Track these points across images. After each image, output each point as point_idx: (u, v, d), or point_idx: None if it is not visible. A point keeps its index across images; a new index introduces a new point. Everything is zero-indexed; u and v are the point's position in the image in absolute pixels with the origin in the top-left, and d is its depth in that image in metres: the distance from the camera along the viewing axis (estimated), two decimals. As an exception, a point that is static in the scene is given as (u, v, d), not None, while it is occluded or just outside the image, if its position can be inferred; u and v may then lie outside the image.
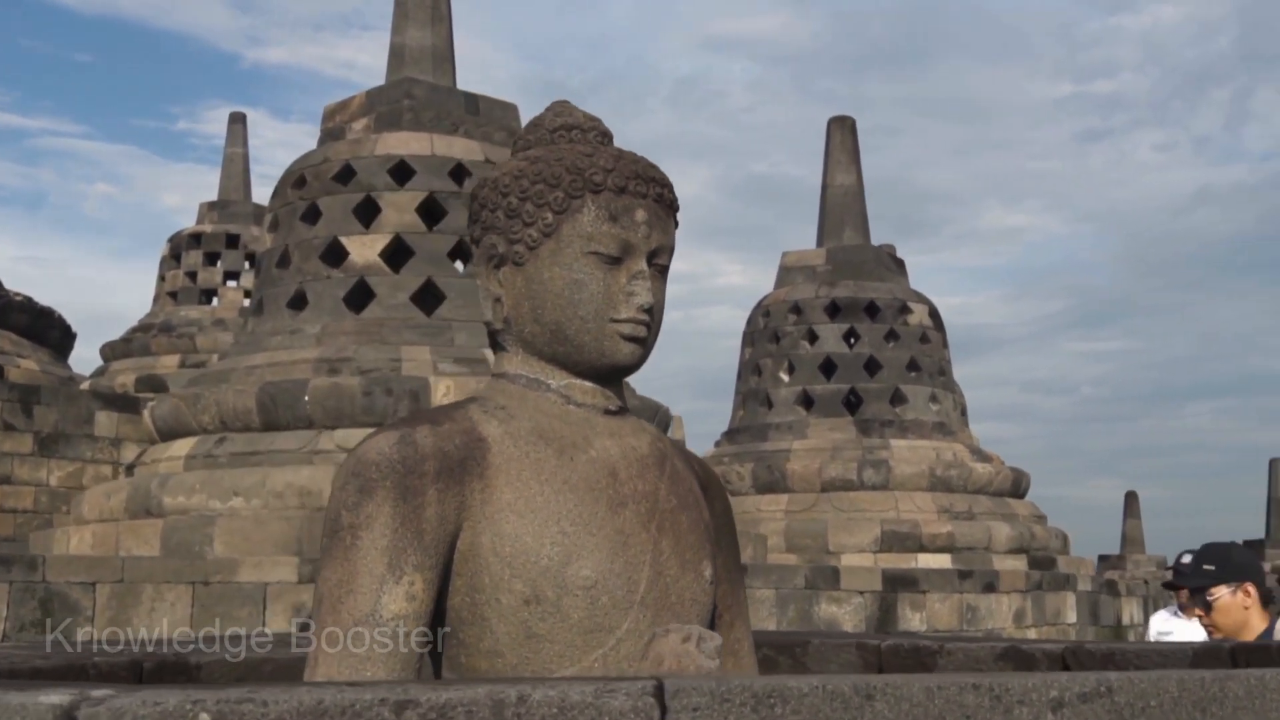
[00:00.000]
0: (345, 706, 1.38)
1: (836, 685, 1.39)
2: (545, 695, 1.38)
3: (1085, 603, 14.77)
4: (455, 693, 1.39)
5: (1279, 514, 30.89)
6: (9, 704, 1.48)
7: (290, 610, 9.44)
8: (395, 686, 1.42)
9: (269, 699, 1.40)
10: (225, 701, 1.40)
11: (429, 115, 13.28)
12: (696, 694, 1.37)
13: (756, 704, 1.36)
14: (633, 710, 1.37)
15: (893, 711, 1.37)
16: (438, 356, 11.99)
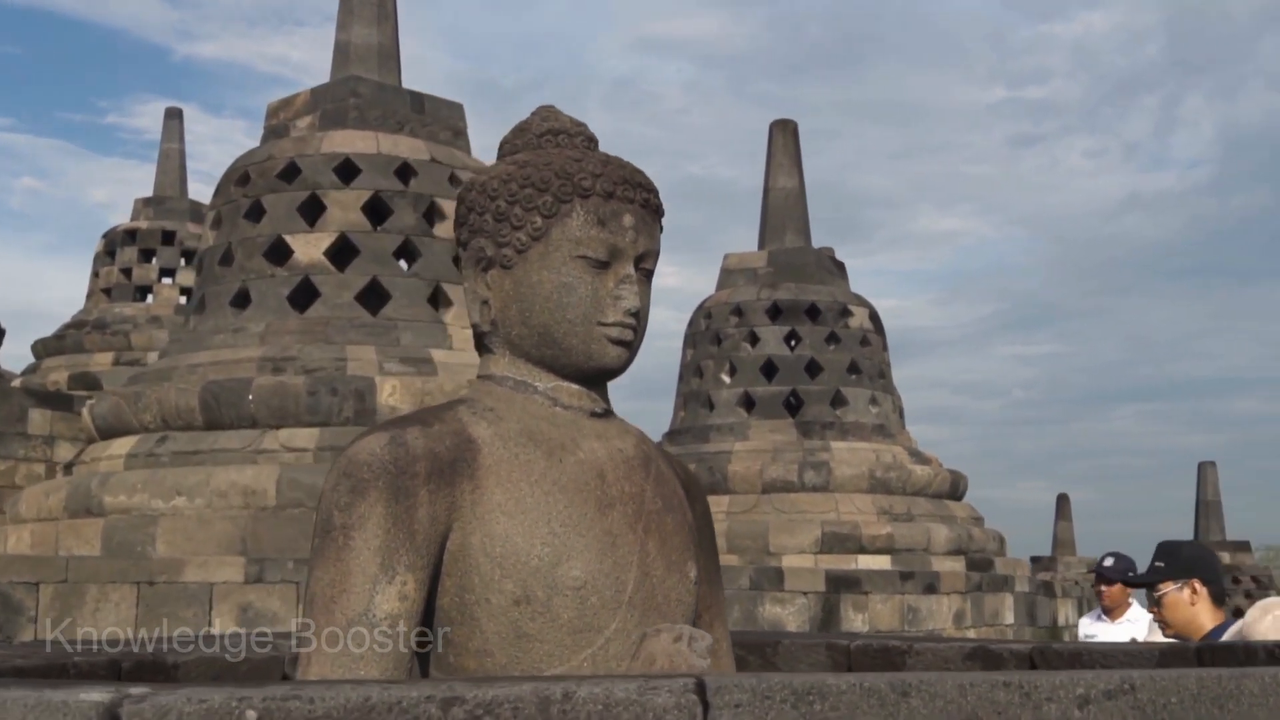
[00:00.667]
0: (392, 703, 1.40)
1: (873, 682, 1.42)
2: (590, 692, 1.41)
3: (1023, 604, 14.96)
4: (501, 690, 1.41)
5: (1207, 516, 31.35)
6: (51, 701, 1.49)
7: (237, 610, 9.37)
8: (440, 684, 1.44)
9: (315, 696, 1.41)
10: (271, 699, 1.42)
11: (375, 114, 13.23)
12: (738, 691, 1.40)
13: (796, 700, 1.40)
14: (676, 707, 1.40)
15: (928, 708, 1.41)
16: (383, 356, 11.95)
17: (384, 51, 13.89)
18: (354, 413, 11.48)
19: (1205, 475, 31.93)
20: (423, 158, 12.90)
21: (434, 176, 12.87)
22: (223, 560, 9.38)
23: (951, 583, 13.60)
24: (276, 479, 10.88)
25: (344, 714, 1.40)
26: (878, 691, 1.42)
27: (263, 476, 10.95)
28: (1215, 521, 31.43)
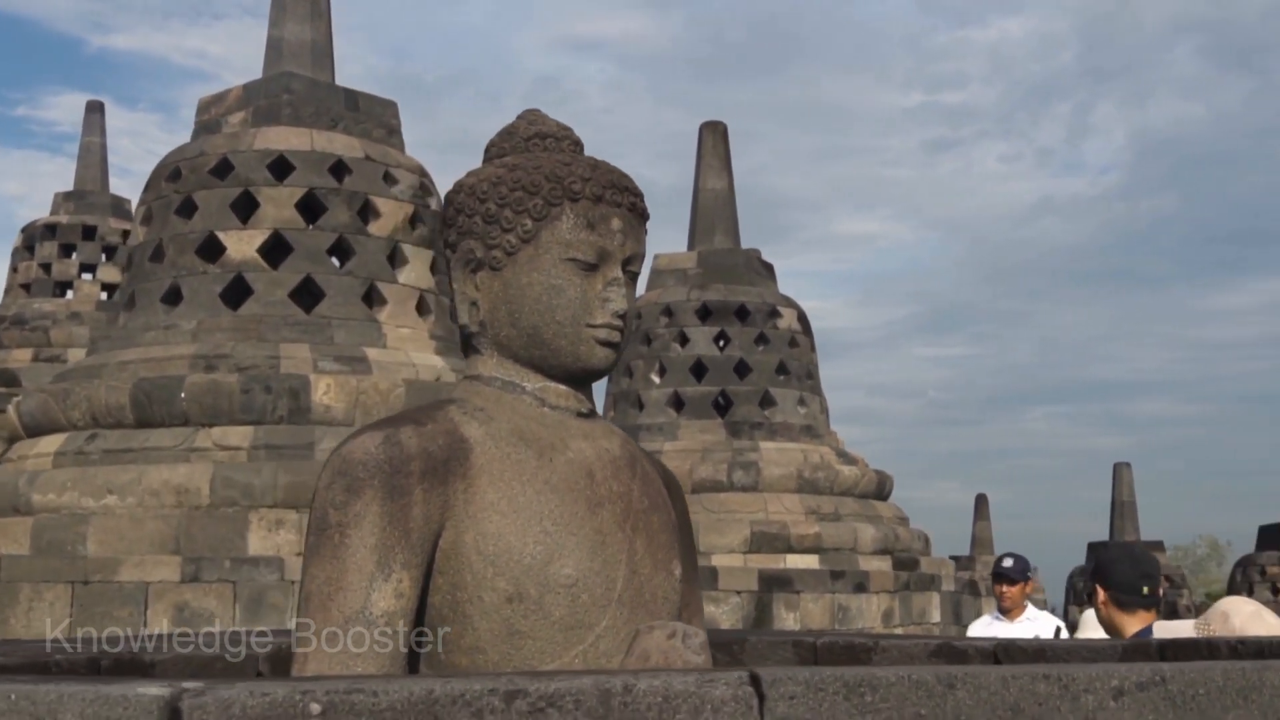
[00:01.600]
0: (455, 696, 1.43)
1: (920, 675, 1.48)
2: (649, 685, 1.45)
3: (949, 603, 15.17)
4: (562, 683, 1.45)
5: (1122, 517, 31.90)
6: (110, 695, 1.50)
7: (172, 610, 9.30)
8: (503, 677, 1.47)
9: (378, 689, 1.44)
10: (334, 692, 1.44)
11: (308, 111, 13.15)
12: (792, 683, 1.45)
13: (849, 692, 1.45)
14: (733, 699, 1.44)
15: (973, 699, 1.47)
16: (317, 354, 11.89)
17: (317, 48, 13.81)
18: (288, 411, 11.41)
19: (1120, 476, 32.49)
20: (357, 155, 12.85)
21: (368, 174, 12.82)
22: (158, 559, 9.30)
23: (880, 582, 13.76)
24: (210, 477, 10.79)
25: (408, 707, 1.44)
26: (925, 684, 1.47)
27: (196, 475, 10.85)
28: (1130, 521, 31.99)
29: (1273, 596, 26.01)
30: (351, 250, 12.60)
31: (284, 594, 9.73)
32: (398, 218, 12.85)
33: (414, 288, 12.92)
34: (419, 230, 13.06)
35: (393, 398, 11.71)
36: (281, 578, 9.76)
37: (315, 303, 12.44)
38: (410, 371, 12.12)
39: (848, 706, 1.45)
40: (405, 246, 12.87)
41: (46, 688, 1.53)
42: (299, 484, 10.78)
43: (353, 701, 1.45)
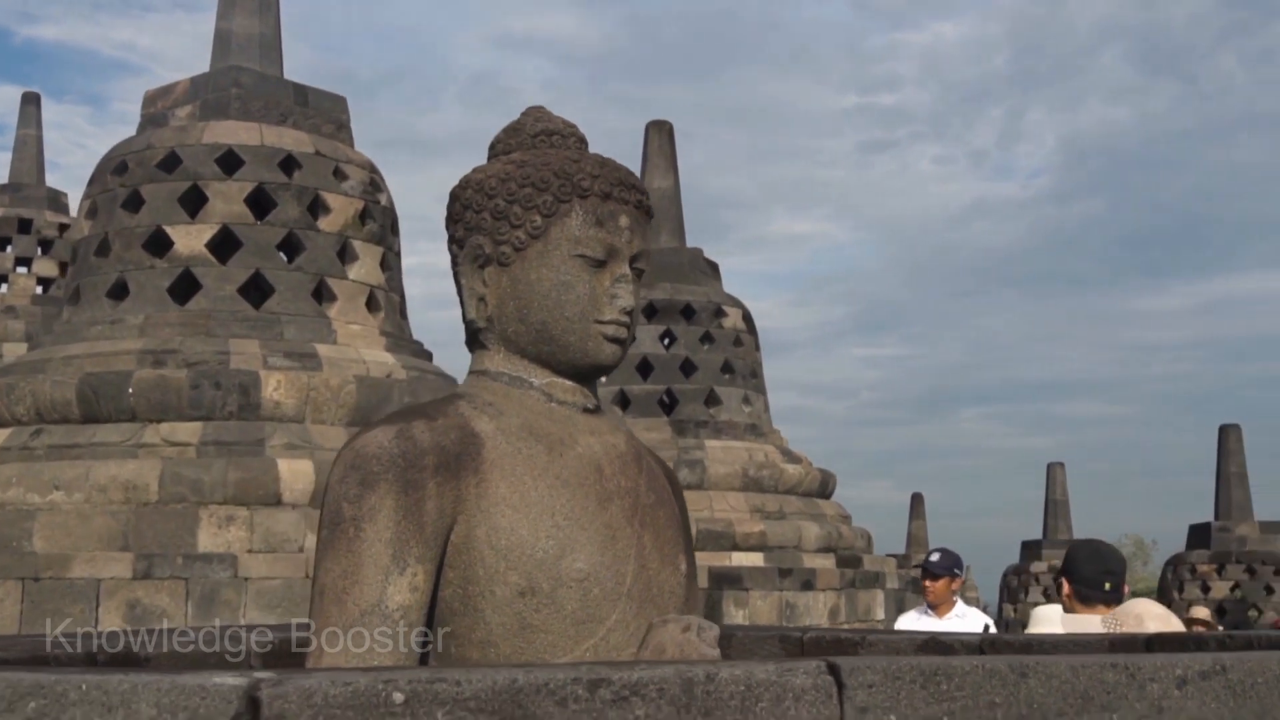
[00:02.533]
0: (540, 685, 1.45)
1: (994, 664, 1.51)
2: (731, 674, 1.47)
3: (892, 600, 15.30)
4: (645, 671, 1.47)
5: (1055, 516, 32.26)
6: (187, 685, 1.50)
7: (124, 607, 9.21)
8: (585, 666, 1.49)
9: (461, 678, 1.45)
10: (417, 681, 1.45)
11: (257, 105, 13.05)
12: (870, 672, 1.48)
13: (925, 681, 1.48)
14: (814, 688, 1.47)
15: (1044, 688, 1.50)
16: (267, 350, 11.80)
17: (266, 42, 13.70)
18: (238, 407, 11.32)
19: (1054, 475, 32.85)
20: (307, 150, 12.77)
21: (318, 170, 12.74)
22: (110, 556, 9.20)
23: (827, 579, 13.85)
24: (159, 473, 10.68)
25: (491, 695, 1.45)
26: (999, 672, 1.50)
27: (144, 471, 10.74)
28: (1063, 520, 32.36)
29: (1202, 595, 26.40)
30: (301, 246, 12.52)
31: (237, 591, 9.66)
32: (348, 214, 12.79)
33: (364, 284, 12.86)
34: (369, 226, 13.00)
35: (344, 395, 11.65)
36: (235, 575, 9.69)
37: (264, 298, 12.35)
38: (361, 368, 12.06)
39: (924, 695, 1.48)
40: (355, 242, 12.81)
41: (119, 678, 1.53)
42: (249, 480, 10.71)
43: (436, 690, 1.46)
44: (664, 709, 1.45)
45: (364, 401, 11.75)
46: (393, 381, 12.10)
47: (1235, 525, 26.81)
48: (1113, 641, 3.26)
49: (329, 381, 11.61)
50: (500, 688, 1.46)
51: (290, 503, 10.74)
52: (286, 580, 9.87)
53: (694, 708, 1.46)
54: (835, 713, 1.47)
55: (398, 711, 1.45)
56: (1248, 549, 26.43)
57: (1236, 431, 27.64)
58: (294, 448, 11.22)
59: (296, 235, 12.50)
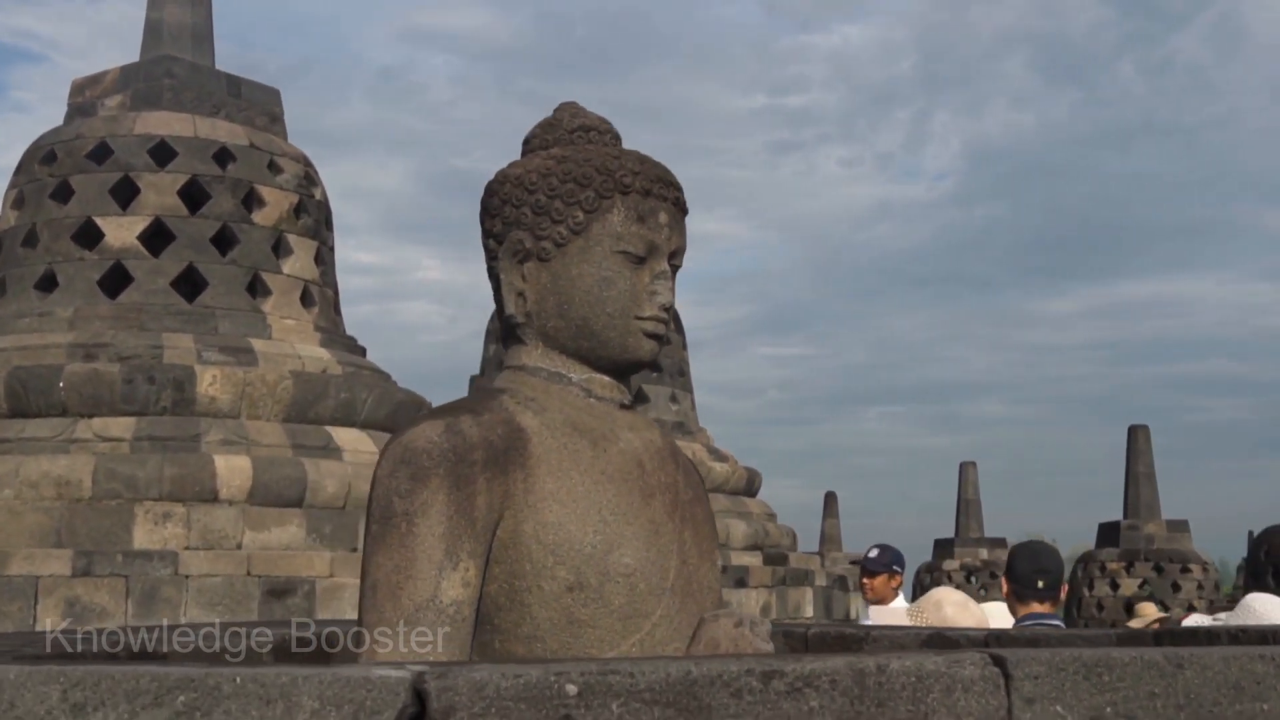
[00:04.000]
0: (714, 677, 1.45)
1: (1151, 656, 1.54)
2: (902, 665, 1.48)
3: (821, 597, 15.42)
4: (817, 663, 1.48)
5: (967, 515, 32.64)
6: (351, 678, 1.48)
7: (63, 605, 9.04)
8: (760, 658, 1.50)
9: (635, 670, 1.45)
10: (589, 673, 1.44)
11: (190, 96, 12.86)
12: (1035, 664, 1.50)
13: (1087, 672, 1.51)
14: (982, 679, 1.49)
15: (1200, 678, 1.54)
16: (201, 345, 11.64)
17: (198, 32, 13.51)
18: (172, 402, 11.15)
19: (966, 474, 33.23)
20: (241, 143, 12.61)
21: (252, 162, 12.59)
22: (49, 553, 9.03)
23: (758, 577, 13.94)
24: (92, 469, 10.49)
25: (666, 687, 1.45)
26: (1156, 664, 1.54)
27: (77, 466, 10.54)
28: (975, 519, 32.76)
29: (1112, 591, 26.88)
30: (235, 239, 12.36)
31: (177, 589, 9.52)
32: (283, 207, 12.64)
33: (298, 278, 12.73)
34: (304, 220, 12.86)
35: (280, 390, 11.52)
36: (175, 572, 9.55)
37: (198, 292, 12.18)
38: (296, 363, 11.94)
39: (1088, 686, 1.50)
40: (290, 236, 12.67)
41: (276, 670, 1.50)
42: (185, 477, 10.55)
43: (609, 683, 1.45)
44: (837, 700, 1.46)
45: (300, 397, 11.63)
46: (329, 377, 11.99)
47: (1143, 524, 27.30)
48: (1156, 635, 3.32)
49: (265, 377, 11.48)
50: (674, 679, 1.46)
51: (227, 499, 10.60)
52: (227, 578, 9.74)
53: (867, 698, 1.47)
54: (1003, 703, 1.49)
55: (571, 704, 1.45)
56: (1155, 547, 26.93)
57: (1145, 432, 28.15)
58: (230, 444, 11.07)
59: (231, 228, 12.33)
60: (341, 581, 10.16)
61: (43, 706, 1.61)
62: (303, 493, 10.87)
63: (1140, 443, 27.72)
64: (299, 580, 9.94)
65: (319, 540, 10.67)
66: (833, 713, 1.45)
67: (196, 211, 12.28)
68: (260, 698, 1.50)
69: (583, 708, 1.44)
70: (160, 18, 13.41)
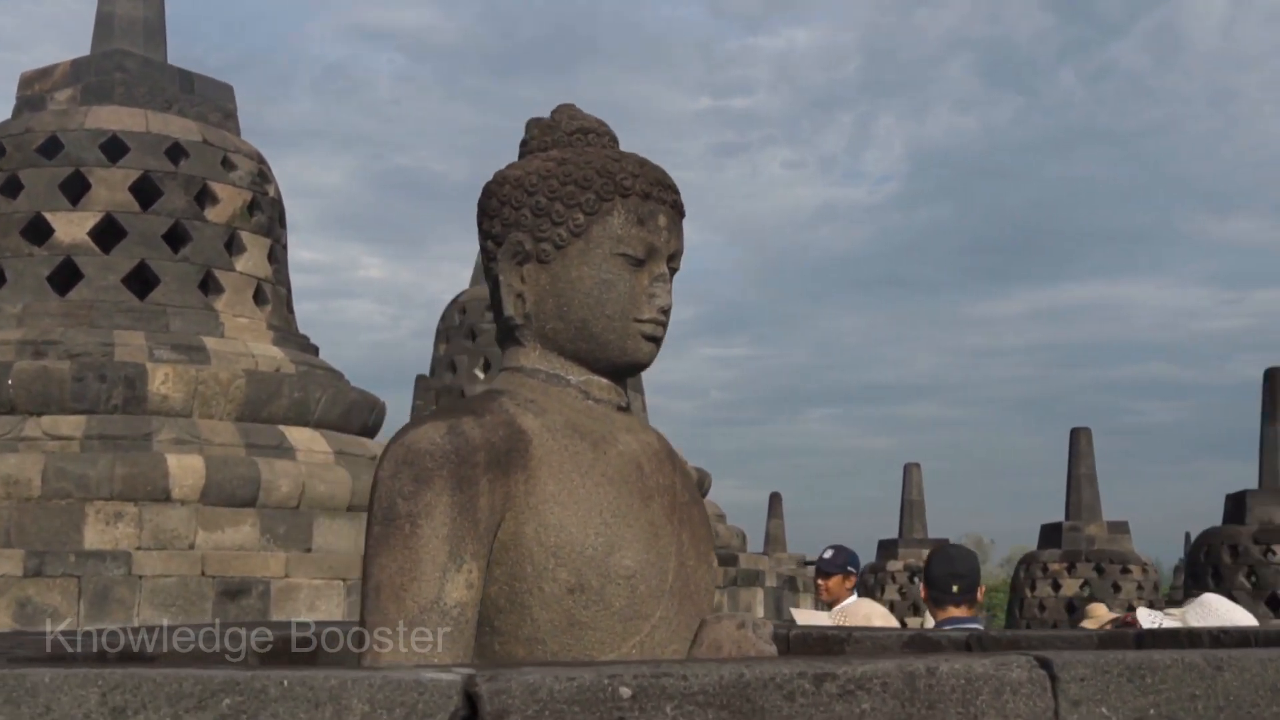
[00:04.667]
0: (767, 679, 1.46)
1: (1192, 659, 1.57)
2: (951, 668, 1.50)
3: (771, 598, 15.48)
4: (868, 666, 1.49)
5: (911, 516, 32.85)
6: (402, 681, 1.47)
7: (14, 606, 8.93)
8: (810, 661, 1.50)
9: (688, 673, 1.46)
10: (643, 676, 1.45)
11: (142, 90, 12.74)
12: (1081, 666, 1.52)
13: (1130, 674, 1.53)
14: (1029, 681, 1.51)
15: (1238, 680, 1.56)
16: (153, 343, 11.52)
17: (150, 26, 13.37)
18: (123, 400, 11.03)
19: (910, 476, 33.44)
20: (194, 139, 12.49)
21: (206, 158, 12.48)
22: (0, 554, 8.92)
23: (711, 578, 13.98)
24: (41, 468, 10.36)
25: (719, 690, 1.45)
26: (1196, 666, 1.56)
27: (26, 465, 10.41)
28: (919, 520, 32.97)
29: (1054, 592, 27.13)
30: (188, 236, 12.24)
31: (130, 589, 9.43)
32: (236, 204, 12.54)
33: (252, 276, 12.63)
34: (257, 218, 12.77)
35: (233, 389, 11.43)
36: (129, 572, 9.46)
37: (149, 289, 12.06)
38: (249, 362, 11.85)
39: (1131, 688, 1.53)
40: (243, 234, 12.57)
41: (325, 673, 1.50)
42: (137, 476, 10.45)
43: (663, 685, 1.46)
44: (888, 702, 1.48)
45: (254, 396, 11.54)
46: (282, 376, 11.91)
47: (1085, 525, 27.59)
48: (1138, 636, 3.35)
49: (218, 375, 11.38)
50: (728, 682, 1.46)
51: (180, 499, 10.50)
52: (181, 578, 9.66)
53: (917, 700, 1.48)
54: (1050, 705, 1.51)
55: (625, 706, 1.45)
56: (1096, 548, 27.23)
57: (1087, 434, 28.42)
58: (183, 443, 10.97)
59: (183, 225, 12.22)
60: (296, 582, 10.10)
61: (80, 710, 1.59)
62: (256, 493, 10.79)
63: (1082, 445, 28.00)
64: (254, 581, 9.87)
65: (273, 541, 10.60)
66: (884, 715, 1.46)
67: (148, 208, 12.16)
68: (309, 700, 1.50)
69: (637, 710, 1.45)
70: (112, 11, 13.27)
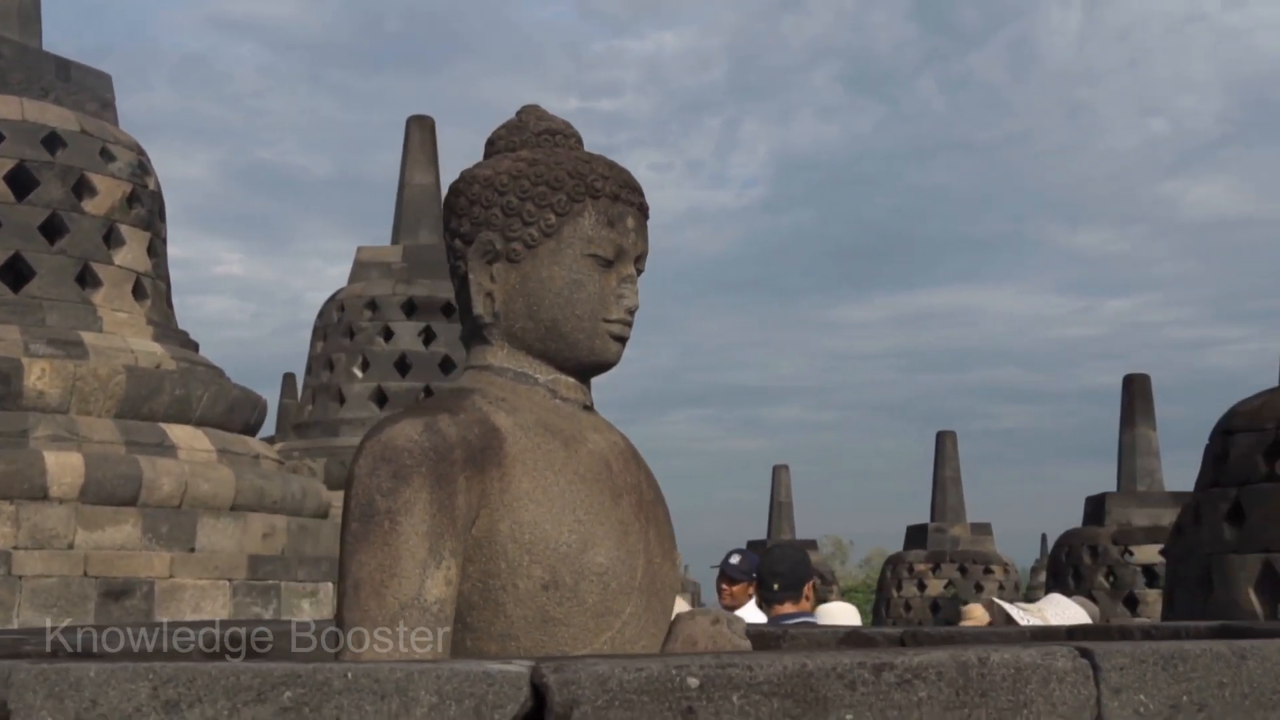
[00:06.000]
0: (828, 670, 1.50)
1: (1218, 648, 1.65)
2: (1001, 658, 1.56)
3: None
4: (924, 656, 1.54)
5: (779, 517, 33.26)
6: (470, 673, 1.48)
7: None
8: (870, 652, 1.55)
9: (754, 664, 1.49)
10: (708, 666, 1.48)
11: (17, 78, 12.39)
12: (1120, 655, 1.59)
13: (1165, 664, 1.60)
14: (1074, 670, 1.57)
15: (1260, 668, 1.64)
16: (29, 337, 11.22)
17: (25, 11, 13.01)
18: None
19: (779, 477, 33.86)
20: (72, 128, 12.19)
21: (84, 149, 12.19)
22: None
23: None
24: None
25: (783, 679, 1.49)
26: (1223, 656, 1.64)
27: (-106, 463, 10.08)
28: (787, 521, 33.39)
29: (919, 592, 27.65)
30: (65, 228, 11.94)
31: (10, 589, 9.19)
32: (115, 196, 12.26)
33: (131, 270, 12.36)
34: (136, 210, 12.50)
35: (113, 385, 11.18)
36: (8, 572, 9.21)
37: (24, 282, 11.74)
38: (129, 358, 11.59)
39: (1166, 676, 1.60)
40: (122, 227, 12.29)
41: (390, 665, 1.50)
42: (13, 474, 10.17)
43: (729, 675, 1.49)
44: (944, 690, 1.53)
45: (134, 393, 11.30)
46: (163, 373, 11.68)
47: (949, 526, 28.14)
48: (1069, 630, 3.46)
49: (97, 371, 11.13)
50: (791, 672, 1.50)
51: (58, 497, 10.24)
52: (63, 579, 9.43)
53: (970, 689, 1.54)
54: (1093, 693, 1.58)
55: (693, 695, 1.48)
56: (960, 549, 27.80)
57: (952, 437, 29.03)
58: (60, 440, 10.71)
59: (60, 217, 11.92)
60: (181, 582, 9.93)
61: (130, 704, 1.58)
62: (138, 491, 10.57)
63: (948, 448, 28.59)
64: (137, 581, 9.68)
65: (155, 540, 10.39)
66: (940, 703, 1.51)
67: (24, 198, 11.83)
68: (374, 693, 1.50)
69: (704, 699, 1.48)
70: (-16, -4, 12.89)
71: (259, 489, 11.44)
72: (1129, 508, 19.36)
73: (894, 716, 1.49)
